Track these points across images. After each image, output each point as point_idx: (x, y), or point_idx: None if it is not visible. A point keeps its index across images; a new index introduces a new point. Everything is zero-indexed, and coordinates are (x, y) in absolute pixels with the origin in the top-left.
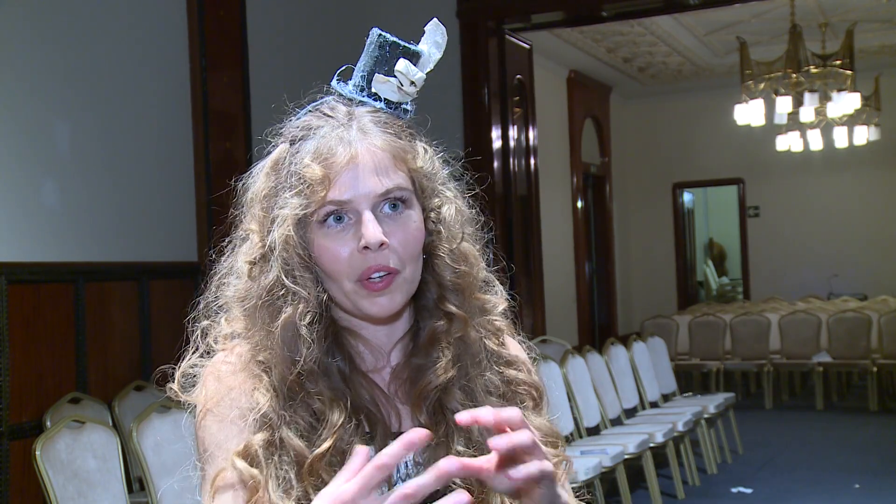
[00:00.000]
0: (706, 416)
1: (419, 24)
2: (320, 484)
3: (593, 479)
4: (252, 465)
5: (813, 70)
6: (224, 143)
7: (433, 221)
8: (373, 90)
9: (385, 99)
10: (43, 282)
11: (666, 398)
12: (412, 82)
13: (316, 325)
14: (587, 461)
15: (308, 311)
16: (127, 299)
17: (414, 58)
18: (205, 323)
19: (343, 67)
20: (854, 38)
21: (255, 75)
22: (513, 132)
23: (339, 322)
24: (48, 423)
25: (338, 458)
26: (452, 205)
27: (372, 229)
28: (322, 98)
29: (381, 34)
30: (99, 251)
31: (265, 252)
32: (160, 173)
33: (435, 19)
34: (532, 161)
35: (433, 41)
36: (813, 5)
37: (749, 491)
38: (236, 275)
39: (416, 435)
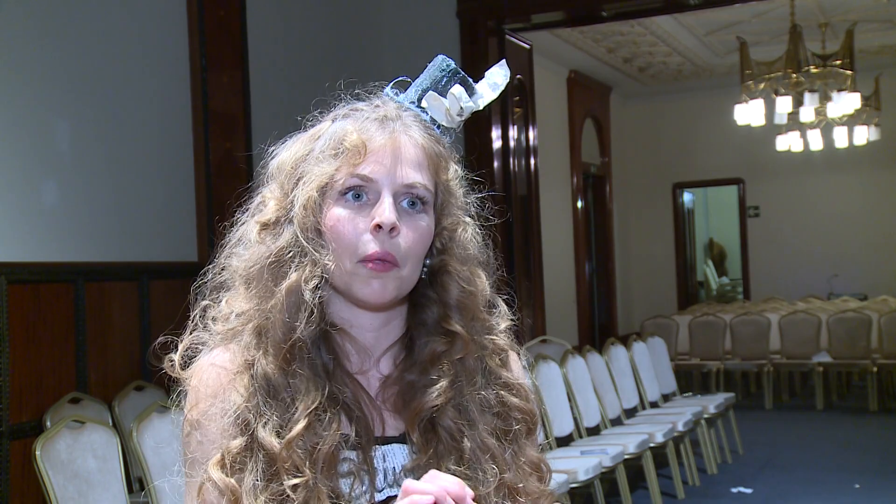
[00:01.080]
0: (706, 416)
1: (419, 24)
2: (292, 469)
3: (593, 479)
4: (231, 473)
5: (813, 70)
6: (224, 143)
7: (445, 239)
8: (423, 105)
9: (431, 117)
10: (43, 282)
11: (666, 398)
12: (461, 109)
13: (319, 293)
14: (587, 461)
15: (314, 276)
16: (127, 299)
17: (469, 90)
18: (205, 302)
19: (399, 79)
20: (854, 38)
21: (255, 75)
22: (513, 132)
23: (330, 318)
24: (48, 423)
25: (310, 447)
26: (469, 228)
27: (388, 211)
28: (374, 96)
29: (445, 58)
30: (99, 251)
31: (281, 214)
32: (160, 173)
33: (504, 62)
34: (532, 161)
35: (492, 82)
36: (813, 5)
37: (749, 491)
38: (244, 244)
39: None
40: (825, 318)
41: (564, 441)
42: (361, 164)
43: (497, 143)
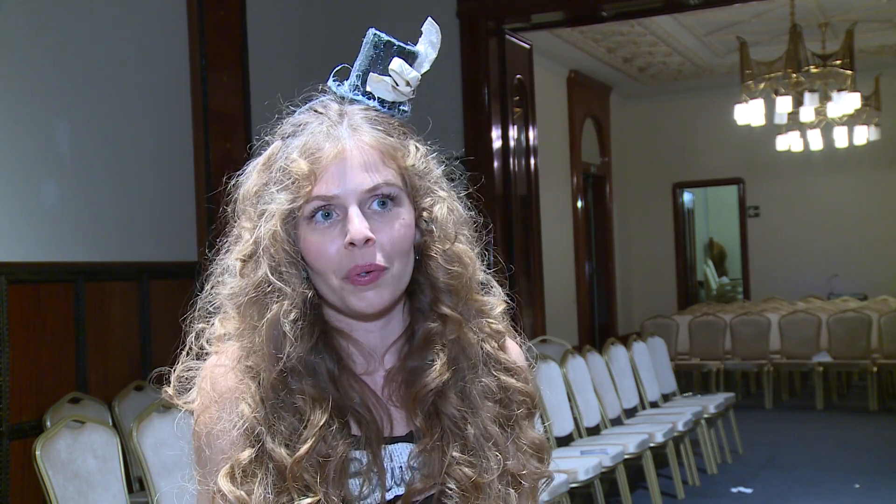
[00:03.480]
0: (706, 416)
1: (419, 24)
2: (303, 488)
3: (593, 479)
4: (240, 485)
5: (813, 70)
6: (224, 143)
7: (425, 221)
8: (367, 89)
9: (379, 98)
10: (43, 282)
11: (666, 398)
12: (407, 82)
13: (300, 323)
14: (587, 461)
15: (293, 309)
16: (127, 299)
17: (409, 57)
18: (199, 326)
19: (339, 67)
20: (854, 38)
21: (255, 75)
22: (513, 132)
23: (330, 322)
24: (48, 423)
25: (320, 461)
26: (445, 204)
27: (357, 225)
28: (319, 97)
29: (376, 34)
30: (99, 251)
31: (254, 248)
32: (160, 173)
33: (430, 19)
34: (532, 161)
35: (428, 41)
36: (813, 5)
37: (749, 491)
38: (230, 273)
39: None
40: (825, 318)
41: (564, 441)
42: (315, 185)
43: (497, 143)
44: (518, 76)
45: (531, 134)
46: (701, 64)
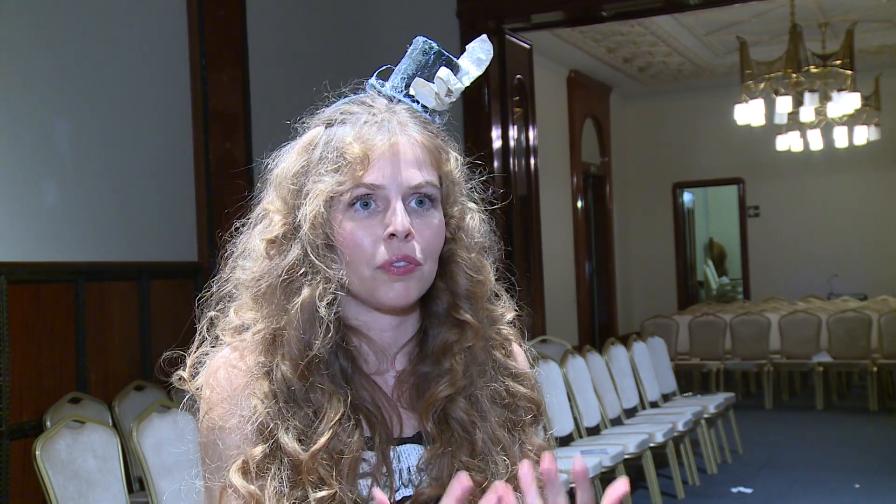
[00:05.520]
0: (706, 416)
1: (419, 24)
2: (318, 481)
3: (593, 479)
4: (252, 480)
5: (813, 70)
6: (224, 143)
7: (453, 228)
8: (411, 93)
9: (422, 104)
10: (43, 282)
11: (666, 398)
12: (450, 91)
13: (334, 307)
14: (587, 461)
15: (329, 292)
16: (127, 299)
17: (454, 69)
18: (212, 313)
19: (383, 67)
20: (854, 38)
21: (255, 75)
22: (513, 132)
23: (346, 321)
24: (48, 423)
25: (335, 456)
26: (475, 215)
27: (401, 218)
28: (360, 93)
29: (426, 41)
30: (99, 251)
31: (287, 230)
32: (160, 173)
33: (484, 36)
34: (532, 161)
35: (475, 57)
36: (813, 5)
37: (749, 491)
38: (251, 257)
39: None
40: (825, 318)
41: (564, 441)
42: (365, 173)
43: (497, 143)
44: (518, 76)
45: (531, 134)
46: (701, 64)
